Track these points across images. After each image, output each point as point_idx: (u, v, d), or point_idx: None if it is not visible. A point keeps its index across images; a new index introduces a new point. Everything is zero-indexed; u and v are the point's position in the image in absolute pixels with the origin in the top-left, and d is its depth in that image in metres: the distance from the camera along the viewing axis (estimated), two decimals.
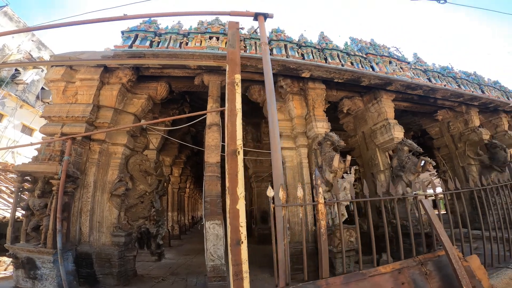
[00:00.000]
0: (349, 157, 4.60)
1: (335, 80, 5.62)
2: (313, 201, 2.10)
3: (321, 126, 5.22)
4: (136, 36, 6.52)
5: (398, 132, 5.93)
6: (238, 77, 1.80)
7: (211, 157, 4.46)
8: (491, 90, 10.32)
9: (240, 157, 1.51)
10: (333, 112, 7.37)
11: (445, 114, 8.11)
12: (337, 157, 4.50)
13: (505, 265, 3.04)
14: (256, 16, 2.69)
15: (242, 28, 6.96)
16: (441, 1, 4.64)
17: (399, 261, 2.47)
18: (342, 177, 4.55)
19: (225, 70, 5.39)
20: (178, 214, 11.12)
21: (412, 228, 3.45)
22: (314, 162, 5.26)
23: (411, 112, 8.62)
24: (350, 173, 4.53)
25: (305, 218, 4.95)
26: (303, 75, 5.32)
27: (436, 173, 9.34)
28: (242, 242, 1.32)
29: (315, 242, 4.72)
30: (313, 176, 5.25)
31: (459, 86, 9.38)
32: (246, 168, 10.92)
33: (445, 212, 8.60)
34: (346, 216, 4.53)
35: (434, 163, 5.47)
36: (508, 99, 10.84)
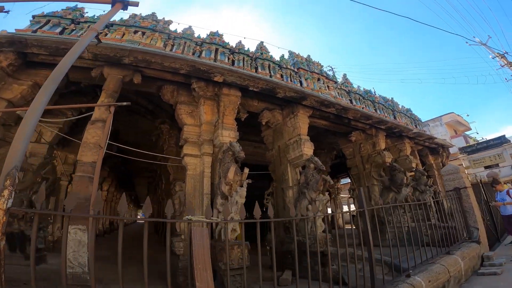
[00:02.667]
0: (246, 170, 4.44)
1: (250, 88, 5.50)
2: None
3: (227, 135, 5.00)
4: (48, 21, 5.79)
5: (307, 149, 6.05)
6: None
7: (86, 155, 3.90)
8: (402, 117, 11.58)
9: None
10: (258, 124, 7.32)
11: (358, 136, 8.72)
12: (232, 168, 4.30)
13: None
14: (113, 2, 2.32)
15: None
16: None
17: None
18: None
19: (129, 64, 4.91)
20: None
21: (308, 246, 3.38)
22: (218, 172, 4.99)
23: (333, 132, 9.10)
24: (243, 186, 4.35)
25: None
26: (215, 79, 5.07)
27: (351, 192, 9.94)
28: None
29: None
30: (214, 186, 4.98)
31: (375, 110, 10.29)
32: (168, 173, 10.24)
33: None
34: (238, 232, 4.32)
35: (332, 183, 5.68)
36: (416, 126, 12.34)
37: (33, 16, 6.04)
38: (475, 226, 4.95)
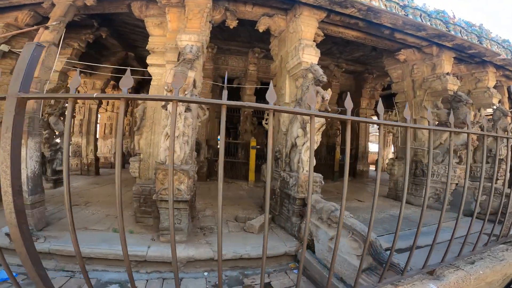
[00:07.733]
0: (191, 74, 3.62)
1: None
2: None
3: (187, 39, 4.20)
4: None
5: (308, 56, 4.73)
6: None
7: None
8: (492, 45, 8.12)
9: None
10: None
11: (411, 54, 6.45)
12: (172, 72, 3.56)
13: None
14: None
15: None
16: None
17: None
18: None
19: None
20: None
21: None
22: None
23: (381, 51, 7.03)
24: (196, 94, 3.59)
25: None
26: None
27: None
28: None
29: None
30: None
31: (449, 31, 7.44)
32: None
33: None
34: (185, 152, 3.72)
35: (327, 97, 4.26)
36: None
37: None
38: None
